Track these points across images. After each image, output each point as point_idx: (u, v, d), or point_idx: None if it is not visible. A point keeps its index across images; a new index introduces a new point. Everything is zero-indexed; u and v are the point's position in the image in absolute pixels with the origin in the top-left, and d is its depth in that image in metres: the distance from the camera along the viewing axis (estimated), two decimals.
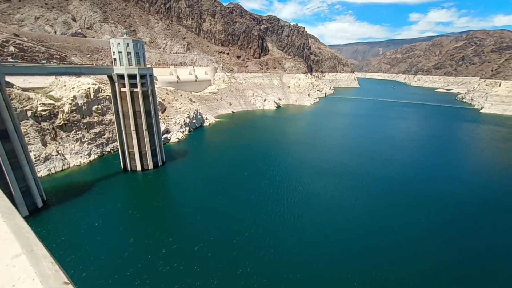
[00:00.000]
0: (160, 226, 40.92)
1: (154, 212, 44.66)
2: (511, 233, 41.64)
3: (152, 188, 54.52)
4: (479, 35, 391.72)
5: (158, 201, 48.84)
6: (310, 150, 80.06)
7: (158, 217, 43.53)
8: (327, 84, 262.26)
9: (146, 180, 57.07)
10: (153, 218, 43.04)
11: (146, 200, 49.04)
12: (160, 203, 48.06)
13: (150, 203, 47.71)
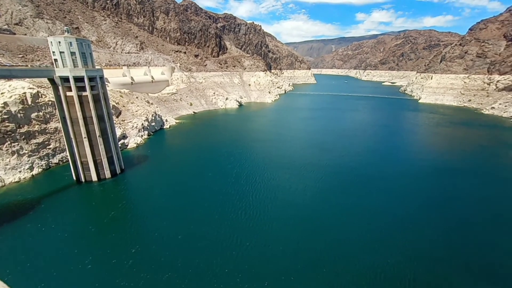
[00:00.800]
0: (122, 238, 38.29)
1: (114, 224, 41.72)
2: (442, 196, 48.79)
3: (110, 198, 50.70)
4: (413, 34, 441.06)
5: (118, 211, 45.46)
6: (273, 146, 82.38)
7: (119, 228, 40.72)
8: (286, 81, 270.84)
9: (103, 191, 52.93)
10: (113, 230, 40.19)
11: (105, 211, 45.31)
12: (120, 214, 44.83)
13: (109, 214, 44.17)
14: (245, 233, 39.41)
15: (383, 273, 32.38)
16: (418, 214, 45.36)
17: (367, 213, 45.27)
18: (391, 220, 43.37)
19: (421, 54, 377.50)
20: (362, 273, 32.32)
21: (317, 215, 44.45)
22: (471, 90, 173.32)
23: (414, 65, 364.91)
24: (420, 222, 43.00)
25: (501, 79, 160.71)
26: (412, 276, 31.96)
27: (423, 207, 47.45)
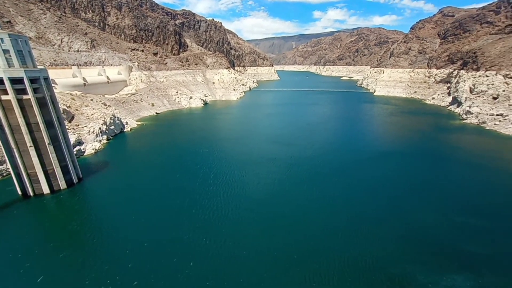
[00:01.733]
0: (80, 253, 35.09)
1: (72, 239, 38.14)
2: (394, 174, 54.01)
3: (67, 211, 46.07)
4: (365, 31, 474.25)
5: (76, 224, 41.50)
6: (240, 143, 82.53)
7: (77, 243, 37.31)
8: (250, 78, 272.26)
9: (58, 203, 47.98)
10: (71, 245, 36.68)
11: (60, 226, 41.16)
12: (79, 227, 40.96)
13: (66, 228, 40.24)
14: (215, 234, 38.74)
15: (358, 264, 33.83)
16: (380, 197, 49.47)
17: (333, 203, 47.82)
18: (358, 208, 46.52)
19: (373, 50, 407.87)
20: (334, 266, 33.41)
21: (285, 210, 45.55)
22: (416, 83, 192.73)
23: (368, 60, 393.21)
24: (384, 205, 46.98)
25: (438, 73, 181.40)
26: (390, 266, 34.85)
27: (384, 190, 51.94)
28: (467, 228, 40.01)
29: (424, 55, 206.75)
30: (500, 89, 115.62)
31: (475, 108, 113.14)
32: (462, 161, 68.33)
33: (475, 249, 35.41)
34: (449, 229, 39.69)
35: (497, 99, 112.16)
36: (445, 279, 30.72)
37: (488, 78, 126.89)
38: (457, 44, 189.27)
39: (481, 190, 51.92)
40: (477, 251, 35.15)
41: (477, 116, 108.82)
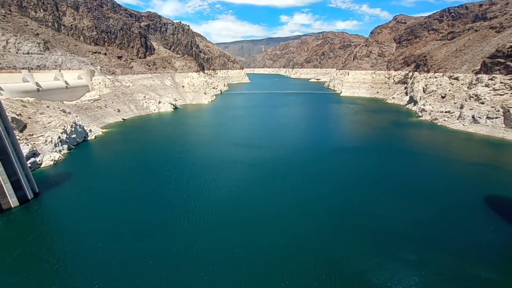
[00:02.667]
0: (33, 278, 31.30)
1: (22, 263, 33.70)
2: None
3: (18, 231, 40.75)
4: (330, 35, 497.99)
5: (28, 246, 36.58)
6: (212, 147, 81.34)
7: (29, 266, 33.08)
8: (221, 81, 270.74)
9: (7, 223, 42.68)
10: (20, 270, 32.50)
11: (9, 249, 36.12)
12: (32, 248, 36.12)
13: (15, 252, 35.38)
14: (188, 242, 37.43)
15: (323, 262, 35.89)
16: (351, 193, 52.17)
17: (306, 202, 49.33)
18: (329, 205, 48.52)
19: (338, 53, 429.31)
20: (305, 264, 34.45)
21: (259, 212, 45.75)
22: (378, 84, 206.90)
23: (334, 62, 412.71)
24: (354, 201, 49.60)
25: (396, 74, 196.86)
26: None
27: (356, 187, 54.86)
28: (419, 215, 43.88)
29: (383, 58, 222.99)
30: (447, 89, 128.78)
31: (428, 106, 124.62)
32: (418, 153, 75.52)
33: (425, 235, 38.94)
34: (404, 219, 43.13)
35: (444, 98, 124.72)
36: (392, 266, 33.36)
37: (436, 79, 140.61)
38: (410, 48, 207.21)
39: (432, 178, 57.84)
40: (426, 236, 38.68)
41: (430, 113, 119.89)
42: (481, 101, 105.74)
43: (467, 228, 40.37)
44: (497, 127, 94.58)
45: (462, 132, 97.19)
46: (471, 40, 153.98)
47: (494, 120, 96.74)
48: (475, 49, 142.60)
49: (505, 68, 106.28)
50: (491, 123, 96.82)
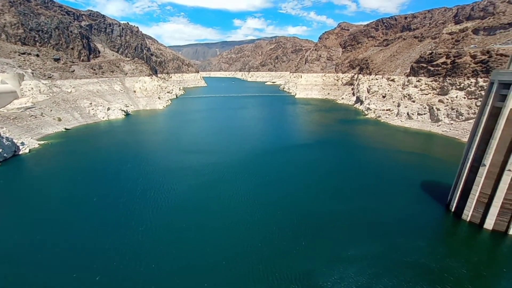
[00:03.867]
0: None
1: None
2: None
3: None
4: (283, 40, 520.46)
5: None
6: (168, 154, 77.38)
7: None
8: (176, 85, 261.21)
9: None
10: None
11: None
12: None
13: None
14: (145, 257, 35.04)
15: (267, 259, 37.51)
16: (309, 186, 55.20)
17: (258, 205, 50.26)
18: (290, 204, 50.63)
19: (291, 57, 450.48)
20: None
21: (217, 218, 45.46)
22: (328, 86, 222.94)
23: (287, 66, 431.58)
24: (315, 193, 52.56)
25: (344, 77, 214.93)
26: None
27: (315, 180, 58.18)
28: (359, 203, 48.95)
29: (332, 61, 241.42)
30: (386, 89, 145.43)
31: (372, 105, 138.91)
32: (365, 146, 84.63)
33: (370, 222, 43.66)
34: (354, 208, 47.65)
35: (385, 97, 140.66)
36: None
37: (377, 81, 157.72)
38: (354, 53, 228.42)
39: (376, 167, 65.27)
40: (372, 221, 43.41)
41: (374, 111, 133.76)
42: (412, 100, 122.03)
43: (404, 209, 46.21)
44: (425, 121, 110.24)
45: (400, 127, 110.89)
46: (401, 47, 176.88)
47: (423, 116, 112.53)
48: (404, 55, 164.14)
49: (427, 71, 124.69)
50: (421, 119, 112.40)
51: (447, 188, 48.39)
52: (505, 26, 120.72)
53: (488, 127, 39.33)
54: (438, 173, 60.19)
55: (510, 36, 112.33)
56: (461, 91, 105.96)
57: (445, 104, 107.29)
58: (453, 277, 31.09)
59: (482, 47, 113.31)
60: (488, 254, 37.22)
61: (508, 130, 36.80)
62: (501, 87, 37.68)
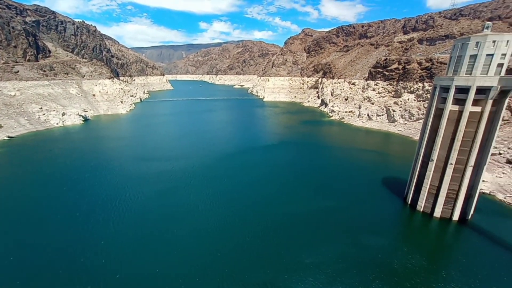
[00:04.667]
0: None
1: None
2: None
3: None
4: (249, 44, 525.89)
5: None
6: (131, 160, 73.67)
7: None
8: (140, 89, 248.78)
9: None
10: None
11: None
12: None
13: None
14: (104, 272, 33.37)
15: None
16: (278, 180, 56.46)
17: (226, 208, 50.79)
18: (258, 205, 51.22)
19: (258, 61, 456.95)
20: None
21: (182, 228, 44.71)
22: (295, 89, 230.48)
23: (255, 70, 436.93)
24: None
25: (309, 80, 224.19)
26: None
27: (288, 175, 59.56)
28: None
29: (297, 65, 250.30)
30: (348, 92, 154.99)
31: (336, 107, 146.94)
32: (330, 146, 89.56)
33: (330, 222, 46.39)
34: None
35: (347, 100, 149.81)
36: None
37: (340, 84, 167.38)
38: (317, 57, 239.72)
39: (340, 166, 69.58)
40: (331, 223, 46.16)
41: (338, 113, 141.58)
42: (371, 102, 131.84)
43: (367, 205, 49.77)
44: (384, 122, 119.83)
45: (362, 128, 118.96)
46: (359, 53, 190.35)
47: (381, 117, 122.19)
48: (363, 60, 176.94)
49: (383, 76, 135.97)
50: (380, 119, 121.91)
51: (404, 182, 53.17)
52: (443, 38, 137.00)
53: (434, 126, 44.25)
54: (396, 169, 65.82)
55: (447, 47, 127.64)
56: (412, 94, 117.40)
57: (399, 106, 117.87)
58: (411, 268, 34.11)
59: (426, 55, 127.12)
60: (437, 240, 41.63)
61: (449, 128, 41.81)
62: (442, 91, 42.73)
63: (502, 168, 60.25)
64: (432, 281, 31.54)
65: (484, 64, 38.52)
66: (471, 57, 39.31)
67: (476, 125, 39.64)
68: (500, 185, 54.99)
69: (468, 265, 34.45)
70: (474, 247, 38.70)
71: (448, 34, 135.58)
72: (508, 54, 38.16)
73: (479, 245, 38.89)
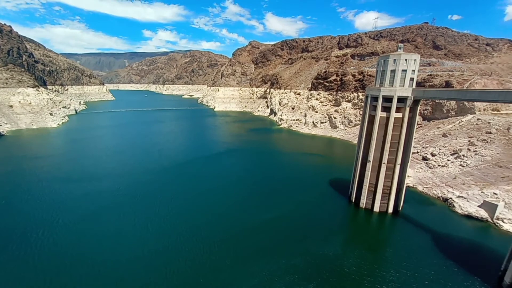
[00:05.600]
0: None
1: None
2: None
3: None
4: (197, 54, 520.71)
5: None
6: (56, 182, 64.70)
7: None
8: (75, 99, 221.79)
9: None
10: None
11: None
12: None
13: None
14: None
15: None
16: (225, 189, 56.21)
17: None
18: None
19: (207, 71, 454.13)
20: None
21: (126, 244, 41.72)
22: (245, 99, 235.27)
23: (204, 80, 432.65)
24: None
25: (258, 91, 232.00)
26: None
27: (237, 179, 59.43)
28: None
29: (246, 76, 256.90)
30: (294, 102, 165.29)
31: (284, 116, 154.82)
32: (280, 152, 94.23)
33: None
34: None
35: (294, 109, 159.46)
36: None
37: (287, 94, 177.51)
38: (265, 69, 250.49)
39: (290, 171, 73.32)
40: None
41: (286, 121, 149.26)
42: (315, 110, 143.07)
43: (315, 207, 53.30)
44: (327, 128, 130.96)
45: (308, 134, 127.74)
46: (303, 65, 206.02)
47: (325, 124, 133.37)
48: (306, 72, 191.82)
49: (324, 86, 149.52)
50: (323, 126, 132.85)
51: (348, 182, 58.57)
52: (370, 54, 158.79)
53: (368, 131, 50.32)
54: (340, 171, 72.16)
55: (373, 62, 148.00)
56: (349, 103, 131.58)
57: (340, 113, 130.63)
58: (359, 267, 37.41)
59: (358, 68, 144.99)
60: (378, 233, 47.01)
61: (380, 132, 48.12)
62: (372, 100, 49.15)
63: (420, 164, 71.59)
64: (377, 272, 35.18)
65: (401, 78, 45.87)
66: (391, 71, 46.40)
67: (400, 129, 46.61)
68: (419, 178, 65.12)
69: (404, 247, 39.86)
70: (406, 233, 44.73)
71: (374, 52, 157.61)
72: (416, 70, 46.51)
73: (410, 231, 45.16)
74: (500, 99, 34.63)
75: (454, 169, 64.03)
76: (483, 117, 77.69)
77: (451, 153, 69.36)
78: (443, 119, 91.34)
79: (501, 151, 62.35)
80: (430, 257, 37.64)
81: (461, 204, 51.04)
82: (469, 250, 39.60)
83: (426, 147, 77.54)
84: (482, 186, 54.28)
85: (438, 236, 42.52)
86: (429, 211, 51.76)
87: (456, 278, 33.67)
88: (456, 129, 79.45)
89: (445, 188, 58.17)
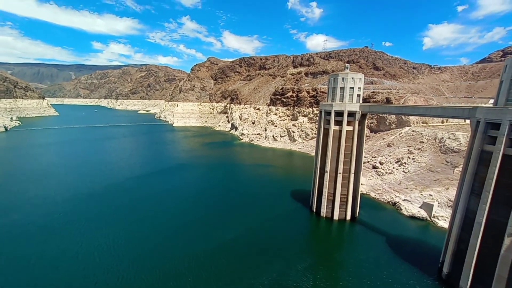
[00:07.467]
0: None
1: None
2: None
3: None
4: (154, 68, 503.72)
5: None
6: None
7: None
8: (5, 114, 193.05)
9: None
10: None
11: None
12: None
13: None
14: None
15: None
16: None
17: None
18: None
19: (164, 85, 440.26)
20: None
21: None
22: (205, 114, 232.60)
23: (161, 94, 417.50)
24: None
25: (218, 106, 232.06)
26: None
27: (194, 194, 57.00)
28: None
29: (206, 91, 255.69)
30: (254, 116, 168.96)
31: (245, 130, 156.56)
32: (243, 165, 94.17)
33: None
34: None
35: (254, 124, 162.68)
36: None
37: (247, 110, 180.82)
38: (224, 84, 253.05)
39: (252, 184, 73.51)
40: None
41: (247, 136, 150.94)
42: (275, 125, 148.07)
43: (278, 220, 53.87)
44: (286, 142, 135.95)
45: (269, 148, 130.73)
46: (261, 82, 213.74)
47: (284, 138, 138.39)
48: (264, 88, 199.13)
49: (282, 102, 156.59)
50: (283, 140, 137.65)
51: (308, 193, 60.79)
52: (321, 73, 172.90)
53: (324, 143, 53.61)
54: (301, 182, 74.76)
55: (325, 80, 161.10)
56: (305, 117, 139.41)
57: (297, 127, 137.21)
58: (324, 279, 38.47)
59: (312, 85, 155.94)
60: (339, 241, 49.27)
61: (334, 144, 51.67)
62: (326, 114, 52.91)
63: (371, 172, 78.41)
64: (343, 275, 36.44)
65: (349, 94, 50.58)
66: (341, 88, 50.92)
67: (351, 141, 50.75)
68: (371, 186, 71.03)
69: (363, 251, 42.19)
70: (363, 238, 47.70)
71: (325, 70, 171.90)
72: (362, 87, 51.89)
73: (366, 235, 48.31)
74: (426, 114, 42.60)
75: (399, 175, 71.53)
76: (417, 129, 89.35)
77: (395, 161, 77.54)
78: (386, 131, 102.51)
79: (432, 158, 72.02)
80: (384, 257, 40.70)
81: (406, 207, 56.76)
82: (414, 247, 43.97)
83: (375, 156, 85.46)
84: (421, 189, 61.42)
85: (389, 238, 46.32)
86: (381, 215, 56.31)
87: (405, 274, 37.05)
88: (398, 139, 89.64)
89: (393, 193, 64.29)
